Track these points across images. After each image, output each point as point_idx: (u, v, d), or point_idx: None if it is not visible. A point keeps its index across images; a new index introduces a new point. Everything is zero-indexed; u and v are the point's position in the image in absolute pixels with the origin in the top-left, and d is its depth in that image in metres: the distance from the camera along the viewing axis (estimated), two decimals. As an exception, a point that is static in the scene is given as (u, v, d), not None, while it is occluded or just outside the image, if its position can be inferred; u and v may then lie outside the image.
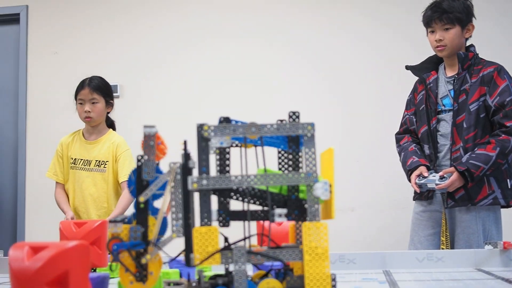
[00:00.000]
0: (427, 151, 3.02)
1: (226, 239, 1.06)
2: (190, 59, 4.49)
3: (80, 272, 0.95)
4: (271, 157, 1.11)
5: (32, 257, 0.94)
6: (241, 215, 1.08)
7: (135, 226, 1.07)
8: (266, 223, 1.66)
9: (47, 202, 4.31)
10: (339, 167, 3.92)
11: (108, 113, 3.31)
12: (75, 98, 3.25)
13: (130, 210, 3.15)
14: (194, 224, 1.06)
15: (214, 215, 1.05)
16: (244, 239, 1.04)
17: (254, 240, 1.21)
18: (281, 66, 4.41)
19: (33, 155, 4.57)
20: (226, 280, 1.05)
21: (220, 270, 1.15)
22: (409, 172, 3.01)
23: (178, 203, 1.05)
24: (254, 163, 1.08)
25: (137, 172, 1.08)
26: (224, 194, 1.06)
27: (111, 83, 4.47)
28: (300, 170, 1.05)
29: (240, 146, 1.12)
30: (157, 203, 1.08)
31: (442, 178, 2.83)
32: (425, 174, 2.89)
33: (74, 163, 3.19)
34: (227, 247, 1.03)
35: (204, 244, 1.02)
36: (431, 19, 2.99)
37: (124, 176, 3.12)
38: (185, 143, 1.07)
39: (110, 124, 3.36)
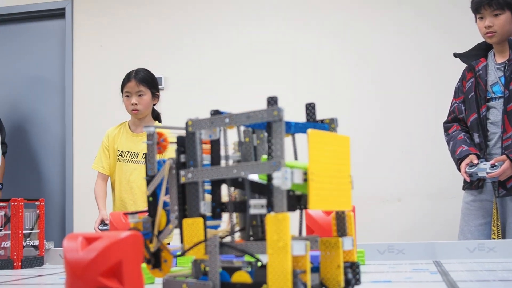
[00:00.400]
0: (476, 140, 2.96)
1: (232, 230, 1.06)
2: (233, 49, 4.49)
3: (133, 262, 0.96)
4: (299, 146, 1.09)
5: (86, 248, 0.95)
6: (237, 207, 1.07)
7: (147, 218, 1.11)
8: (312, 212, 1.66)
9: (93, 195, 4.39)
10: (384, 157, 3.90)
11: (154, 105, 3.31)
12: (122, 91, 3.26)
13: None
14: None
15: (208, 207, 1.05)
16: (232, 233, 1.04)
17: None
18: (326, 54, 4.38)
19: (80, 148, 4.64)
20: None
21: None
22: (458, 161, 2.95)
23: (173, 196, 1.07)
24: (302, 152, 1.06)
25: (146, 168, 1.14)
26: (215, 185, 1.06)
27: (156, 75, 4.55)
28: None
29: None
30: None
31: (493, 166, 2.77)
32: (475, 163, 2.83)
33: (121, 156, 3.19)
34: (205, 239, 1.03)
35: (191, 235, 1.03)
36: (480, 5, 2.92)
37: None
38: (178, 138, 1.08)
39: (156, 116, 3.35)
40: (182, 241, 1.05)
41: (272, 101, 0.97)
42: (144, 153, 3.15)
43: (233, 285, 0.99)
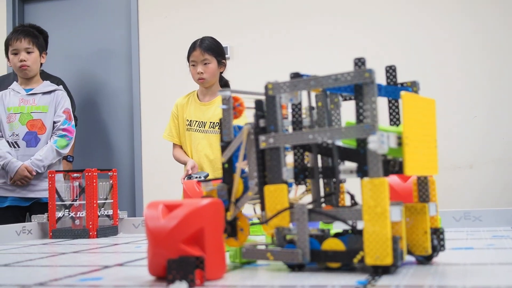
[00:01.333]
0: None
1: (352, 197, 1.03)
2: (299, 17, 4.42)
3: (215, 229, 0.94)
4: (382, 110, 1.04)
5: (167, 216, 0.94)
6: (322, 173, 1.03)
7: (222, 185, 1.08)
8: (390, 179, 1.61)
9: (162, 164, 4.44)
10: (457, 123, 3.78)
11: (221, 73, 3.27)
12: (188, 60, 3.25)
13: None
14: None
15: (290, 173, 1.01)
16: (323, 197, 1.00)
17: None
18: (399, 15, 4.26)
19: (147, 118, 4.69)
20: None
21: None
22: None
23: (252, 162, 1.04)
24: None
25: (220, 134, 1.10)
26: (298, 150, 1.02)
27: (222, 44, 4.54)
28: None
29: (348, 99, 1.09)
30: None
31: None
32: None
33: (190, 125, 3.19)
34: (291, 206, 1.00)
35: (274, 202, 1.00)
36: None
37: None
38: (256, 102, 1.05)
39: (225, 84, 3.32)
40: (262, 208, 1.02)
41: (359, 62, 0.93)
42: (211, 122, 3.14)
43: (324, 253, 0.96)
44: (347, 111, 1.17)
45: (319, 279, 0.90)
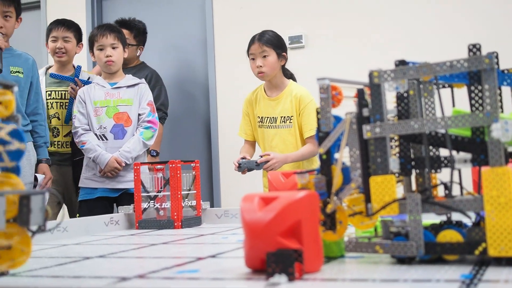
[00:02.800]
0: None
1: (446, 187, 1.00)
2: (375, 4, 4.35)
3: (312, 221, 0.93)
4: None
5: (263, 208, 0.94)
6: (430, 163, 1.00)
7: (319, 177, 1.06)
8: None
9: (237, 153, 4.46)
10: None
11: (283, 65, 3.21)
12: (247, 54, 3.21)
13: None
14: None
15: (396, 163, 0.99)
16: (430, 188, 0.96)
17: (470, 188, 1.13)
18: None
19: (224, 109, 4.72)
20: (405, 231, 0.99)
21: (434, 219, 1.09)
22: None
23: (355, 153, 1.02)
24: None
25: (318, 124, 1.08)
26: (404, 140, 0.99)
27: (296, 33, 4.52)
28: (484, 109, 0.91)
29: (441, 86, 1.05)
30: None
31: None
32: None
33: (261, 122, 3.17)
34: (403, 198, 0.96)
35: (381, 194, 0.98)
36: None
37: (309, 131, 3.03)
38: (359, 91, 1.02)
39: (290, 77, 3.28)
40: (368, 200, 1.00)
41: (474, 48, 0.90)
42: (281, 116, 3.11)
43: (441, 245, 0.93)
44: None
45: (420, 273, 0.88)
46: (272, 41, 3.11)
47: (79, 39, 3.57)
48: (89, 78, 3.48)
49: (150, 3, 5.12)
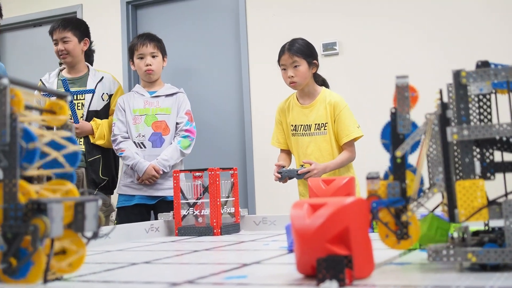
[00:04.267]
0: None
1: None
2: (409, 11, 4.33)
3: (360, 228, 0.94)
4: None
5: (312, 215, 0.94)
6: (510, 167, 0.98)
7: (393, 182, 1.02)
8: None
9: (273, 163, 4.45)
10: None
11: (313, 73, 3.19)
12: (278, 64, 3.19)
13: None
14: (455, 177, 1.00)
15: (477, 167, 0.97)
16: None
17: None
18: None
19: (258, 117, 4.73)
20: (492, 236, 0.97)
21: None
22: None
23: (437, 156, 0.99)
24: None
25: (392, 125, 1.03)
26: (487, 144, 0.98)
27: (330, 40, 4.52)
28: None
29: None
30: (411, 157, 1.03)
31: None
32: None
33: (295, 130, 3.15)
34: (493, 202, 0.95)
35: (468, 199, 0.95)
36: None
37: (345, 137, 3.01)
38: (441, 92, 1.00)
39: (322, 83, 3.27)
40: (452, 206, 0.98)
41: None
42: (316, 123, 3.09)
43: None
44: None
45: (471, 279, 0.87)
46: (302, 51, 3.07)
47: (81, 36, 3.49)
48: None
49: (183, 12, 5.17)
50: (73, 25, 3.47)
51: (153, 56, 3.27)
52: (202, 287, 0.97)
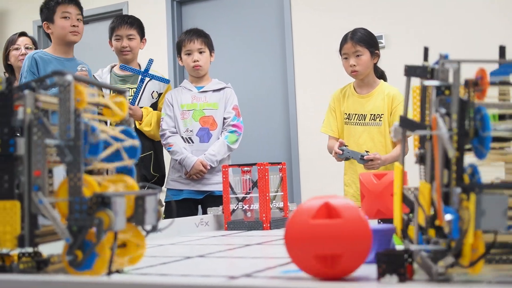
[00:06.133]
0: None
1: None
2: (455, 4, 4.26)
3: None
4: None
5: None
6: None
7: None
8: None
9: (319, 159, 4.44)
10: None
11: (375, 63, 3.19)
12: (340, 53, 3.20)
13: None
14: None
15: None
16: None
17: None
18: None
19: (303, 113, 4.73)
20: None
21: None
22: None
23: None
24: None
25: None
26: None
27: (376, 33, 4.46)
28: None
29: None
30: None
31: None
32: None
33: (348, 118, 3.14)
34: None
35: None
36: None
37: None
38: None
39: (381, 75, 3.25)
40: None
41: None
42: (371, 114, 3.08)
43: None
44: None
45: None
46: (365, 40, 3.08)
47: (142, 35, 3.54)
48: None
49: (228, 7, 5.19)
50: (138, 23, 3.53)
51: (200, 52, 3.29)
52: (260, 281, 0.97)
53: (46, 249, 0.98)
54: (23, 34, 3.87)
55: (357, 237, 0.89)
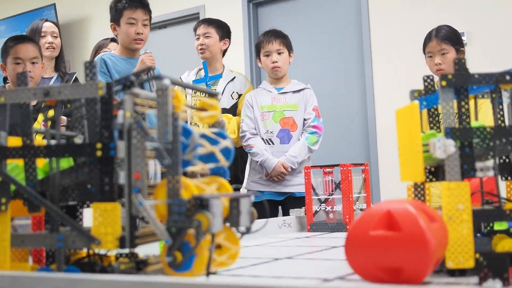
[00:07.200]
0: None
1: None
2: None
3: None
4: None
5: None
6: None
7: None
8: None
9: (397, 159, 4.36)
10: None
11: None
12: (424, 52, 3.14)
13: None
14: None
15: None
16: None
17: None
18: None
19: (381, 113, 4.67)
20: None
21: None
22: None
23: None
24: None
25: None
26: None
27: (458, 30, 4.35)
28: None
29: None
30: None
31: None
32: None
33: None
34: None
35: None
36: None
37: None
38: None
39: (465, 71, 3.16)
40: None
41: None
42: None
43: None
44: None
45: None
46: (450, 37, 3.02)
47: (223, 35, 3.55)
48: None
49: (304, 7, 5.18)
50: (217, 23, 3.57)
51: (279, 53, 3.30)
52: (355, 284, 0.96)
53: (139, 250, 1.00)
54: (114, 40, 3.98)
55: (415, 251, 0.84)
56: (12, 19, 6.73)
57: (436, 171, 1.03)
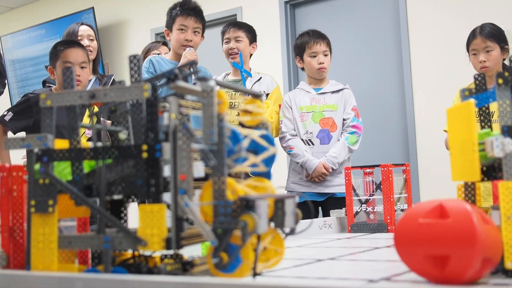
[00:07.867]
0: None
1: None
2: None
3: None
4: None
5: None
6: None
7: None
8: None
9: (438, 159, 4.31)
10: None
11: (504, 59, 3.09)
12: (467, 49, 3.11)
13: None
14: None
15: None
16: None
17: None
18: None
19: (420, 113, 4.62)
20: None
21: None
22: None
23: None
24: None
25: None
26: None
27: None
28: None
29: None
30: None
31: None
32: None
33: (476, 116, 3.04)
34: None
35: None
36: None
37: None
38: None
39: (507, 71, 3.11)
40: None
41: None
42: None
43: None
44: None
45: None
46: (495, 34, 3.01)
47: (252, 39, 3.56)
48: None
49: (341, 8, 5.16)
50: (246, 27, 3.57)
51: (325, 55, 3.30)
52: (401, 285, 0.95)
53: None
54: (165, 43, 4.00)
55: (463, 238, 0.84)
56: (51, 23, 6.85)
57: (487, 171, 1.01)
